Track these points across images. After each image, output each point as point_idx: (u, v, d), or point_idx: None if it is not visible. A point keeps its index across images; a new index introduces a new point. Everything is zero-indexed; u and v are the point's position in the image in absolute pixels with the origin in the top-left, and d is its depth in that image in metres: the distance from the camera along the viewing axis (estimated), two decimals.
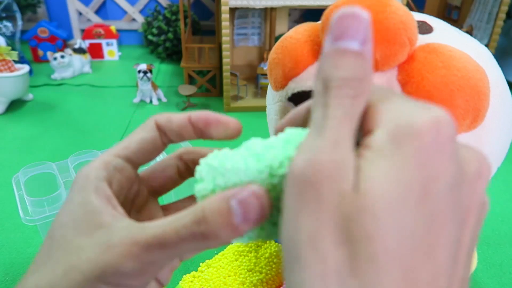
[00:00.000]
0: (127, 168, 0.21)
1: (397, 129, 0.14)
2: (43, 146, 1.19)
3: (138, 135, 0.21)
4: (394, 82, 0.36)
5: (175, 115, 0.21)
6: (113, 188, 0.20)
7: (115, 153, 0.21)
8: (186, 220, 0.17)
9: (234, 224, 0.16)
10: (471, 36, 0.42)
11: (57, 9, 2.17)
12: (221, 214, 0.16)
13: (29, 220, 0.58)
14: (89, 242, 0.18)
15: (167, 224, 0.17)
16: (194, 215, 0.17)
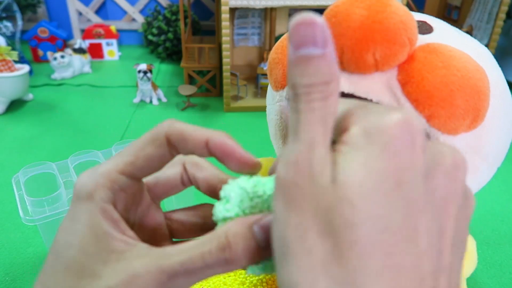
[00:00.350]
0: (132, 186, 0.20)
1: (369, 124, 0.15)
2: (43, 146, 1.19)
3: (145, 151, 0.19)
4: (394, 82, 0.36)
5: (189, 132, 0.20)
6: (118, 208, 0.19)
7: (120, 169, 0.19)
8: (211, 246, 0.17)
9: (257, 249, 0.17)
10: (471, 36, 0.42)
11: (57, 9, 2.17)
12: (244, 239, 0.17)
13: (29, 220, 0.58)
14: (106, 270, 0.17)
15: (191, 251, 0.17)
16: (218, 242, 0.17)
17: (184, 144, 0.20)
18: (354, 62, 0.36)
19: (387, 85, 0.36)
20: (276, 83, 0.44)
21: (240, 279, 0.56)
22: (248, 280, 0.56)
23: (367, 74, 0.37)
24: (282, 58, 0.42)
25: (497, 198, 0.99)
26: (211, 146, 0.19)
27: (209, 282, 0.56)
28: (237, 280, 0.56)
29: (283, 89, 0.43)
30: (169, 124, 0.20)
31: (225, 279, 0.57)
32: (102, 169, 0.19)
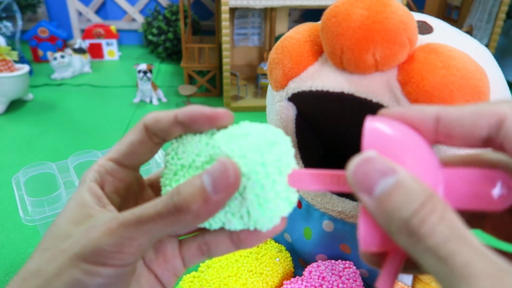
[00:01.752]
0: (119, 171, 0.22)
1: None
2: (43, 146, 1.19)
3: (127, 138, 0.22)
4: (394, 82, 0.36)
5: (162, 114, 0.21)
6: (105, 190, 0.21)
7: (108, 157, 0.22)
8: (162, 196, 0.18)
9: (205, 193, 0.17)
10: (471, 36, 0.42)
11: (57, 9, 2.17)
12: (192, 185, 0.18)
13: (29, 220, 0.58)
14: (77, 229, 0.19)
15: (147, 204, 0.18)
16: (170, 191, 0.18)
17: (157, 124, 0.21)
18: (354, 62, 0.36)
19: (387, 85, 0.36)
20: (276, 83, 0.44)
21: (240, 280, 0.56)
22: (249, 281, 0.56)
23: (367, 74, 0.37)
24: (282, 58, 0.42)
25: None
26: (180, 117, 0.21)
27: (209, 283, 0.56)
28: (237, 281, 0.56)
29: (283, 89, 0.43)
30: (146, 114, 0.22)
31: (226, 280, 0.57)
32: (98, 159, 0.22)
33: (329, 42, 0.37)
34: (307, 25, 0.43)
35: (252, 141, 0.19)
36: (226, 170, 0.18)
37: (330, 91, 0.39)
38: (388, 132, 0.16)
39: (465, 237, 0.13)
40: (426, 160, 0.16)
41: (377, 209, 0.15)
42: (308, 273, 0.53)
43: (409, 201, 0.14)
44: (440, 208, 0.14)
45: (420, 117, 0.17)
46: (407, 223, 0.14)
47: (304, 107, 0.43)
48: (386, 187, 0.15)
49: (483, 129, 0.16)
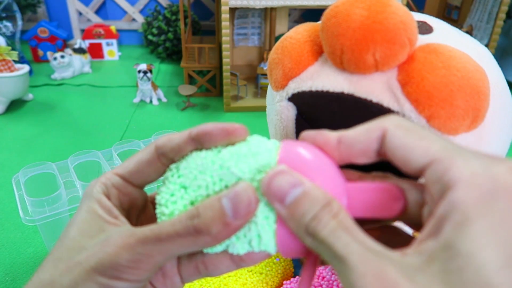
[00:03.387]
0: (125, 186, 0.22)
1: (484, 183, 0.15)
2: (43, 146, 1.19)
3: (136, 157, 0.22)
4: (394, 82, 0.36)
5: (174, 135, 0.21)
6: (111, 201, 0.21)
7: (115, 171, 0.22)
8: (182, 216, 0.18)
9: (225, 218, 0.18)
10: (471, 36, 0.42)
11: (57, 9, 2.17)
12: (212, 208, 0.18)
13: (29, 220, 0.58)
14: (91, 242, 0.19)
15: (164, 222, 0.19)
16: (189, 212, 0.18)
17: (169, 143, 0.21)
18: (354, 62, 0.36)
19: (387, 85, 0.36)
20: (276, 83, 0.44)
21: (240, 280, 0.56)
22: (248, 280, 0.56)
23: (367, 74, 0.37)
24: (282, 58, 0.42)
25: None
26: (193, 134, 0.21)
27: (209, 283, 0.56)
28: (237, 281, 0.56)
29: (283, 89, 0.43)
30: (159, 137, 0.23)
31: (225, 280, 0.57)
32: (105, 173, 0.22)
33: (329, 42, 0.37)
34: (307, 25, 0.43)
35: (262, 161, 0.19)
36: (248, 197, 0.18)
37: (330, 91, 0.39)
38: (299, 152, 0.19)
39: (347, 228, 0.16)
40: (331, 176, 0.19)
41: (288, 216, 0.18)
42: None
43: (312, 206, 0.17)
44: (335, 209, 0.17)
45: (325, 141, 0.19)
46: (309, 224, 0.17)
47: (304, 107, 0.43)
48: (295, 196, 0.17)
49: (374, 143, 0.18)
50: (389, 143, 0.18)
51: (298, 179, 0.18)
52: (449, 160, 0.16)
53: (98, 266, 0.18)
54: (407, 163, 0.17)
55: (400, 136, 0.17)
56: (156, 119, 1.41)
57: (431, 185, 0.16)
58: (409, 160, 0.17)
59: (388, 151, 0.18)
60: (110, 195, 0.21)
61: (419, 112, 0.35)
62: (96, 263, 0.18)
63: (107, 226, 0.19)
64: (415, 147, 0.17)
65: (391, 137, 0.18)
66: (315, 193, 0.17)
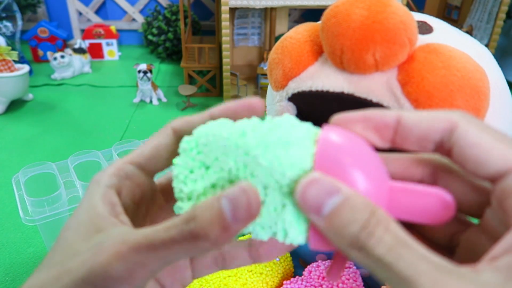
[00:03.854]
0: (139, 175, 0.20)
1: None
2: (43, 146, 1.19)
3: (152, 141, 0.20)
4: (394, 82, 0.36)
5: (193, 117, 0.20)
6: (122, 195, 0.20)
7: (129, 160, 0.20)
8: (176, 220, 0.16)
9: (224, 222, 0.16)
10: (471, 36, 0.42)
11: (57, 9, 2.17)
12: (210, 210, 0.16)
13: (29, 220, 0.58)
14: (85, 246, 0.17)
15: (159, 225, 0.17)
16: (184, 215, 0.16)
17: (188, 125, 0.20)
18: (354, 62, 0.36)
19: (387, 85, 0.36)
20: (276, 83, 0.44)
21: (240, 280, 0.56)
22: (248, 280, 0.56)
23: (367, 74, 0.37)
24: (282, 58, 0.42)
25: None
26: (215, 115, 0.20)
27: (209, 283, 0.56)
28: (237, 281, 0.56)
29: (283, 89, 0.43)
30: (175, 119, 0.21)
31: (226, 280, 0.57)
32: (113, 163, 0.20)
33: (329, 42, 0.37)
34: (307, 25, 0.43)
35: (294, 155, 0.17)
36: (249, 200, 0.16)
37: (330, 91, 0.39)
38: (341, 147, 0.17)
39: (407, 244, 0.14)
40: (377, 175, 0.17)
41: (327, 228, 0.16)
42: (308, 273, 0.53)
43: (356, 217, 0.15)
44: (384, 221, 0.15)
45: (382, 118, 0.17)
46: (357, 237, 0.15)
47: (304, 107, 0.43)
48: (333, 206, 0.15)
49: (437, 133, 0.17)
50: (460, 139, 0.16)
51: (335, 186, 0.16)
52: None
53: (87, 276, 0.16)
54: (480, 165, 0.16)
55: (474, 133, 0.16)
56: (156, 119, 1.41)
57: (509, 194, 0.15)
58: (484, 162, 0.15)
59: (457, 147, 0.16)
60: (122, 188, 0.20)
61: None
62: (85, 273, 0.16)
63: (104, 226, 0.18)
64: (492, 148, 0.15)
65: (463, 133, 0.16)
66: (357, 201, 0.16)
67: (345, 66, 0.37)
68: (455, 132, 0.16)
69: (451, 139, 0.16)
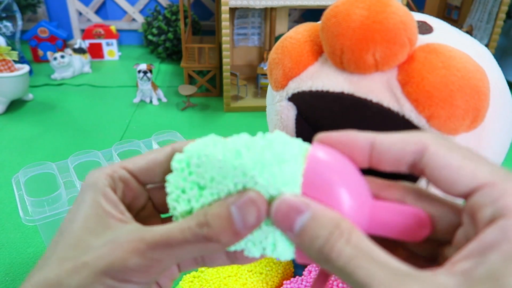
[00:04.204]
0: (132, 182, 0.22)
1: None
2: (43, 146, 1.19)
3: (150, 155, 0.22)
4: (394, 82, 0.36)
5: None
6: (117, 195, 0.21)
7: (123, 165, 0.22)
8: (190, 222, 0.18)
9: (234, 228, 0.18)
10: (471, 36, 0.42)
11: (57, 9, 2.17)
12: (221, 218, 0.18)
13: (29, 220, 0.58)
14: (98, 241, 0.19)
15: (173, 226, 0.18)
16: (198, 219, 0.18)
17: None
18: (354, 62, 0.36)
19: (387, 85, 0.36)
20: (276, 83, 0.44)
21: (240, 280, 0.56)
22: (248, 280, 0.56)
23: (367, 74, 0.37)
24: (282, 58, 0.42)
25: None
26: None
27: (209, 283, 0.56)
28: (237, 281, 0.56)
29: (283, 89, 0.43)
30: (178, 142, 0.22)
31: (225, 280, 0.57)
32: (112, 164, 0.22)
33: (329, 42, 0.37)
34: (307, 25, 0.43)
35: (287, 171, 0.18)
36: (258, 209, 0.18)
37: (330, 91, 0.39)
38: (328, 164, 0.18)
39: (367, 253, 0.15)
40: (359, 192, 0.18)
41: (298, 243, 0.17)
42: (308, 273, 0.53)
43: (320, 232, 0.16)
44: (346, 233, 0.16)
45: (355, 142, 0.19)
46: (321, 251, 0.16)
47: (304, 107, 0.43)
48: (302, 223, 0.17)
49: (409, 156, 0.17)
50: (431, 161, 0.17)
51: (304, 204, 0.17)
52: (503, 185, 0.15)
53: (107, 269, 0.18)
54: (451, 184, 0.16)
55: (443, 155, 0.17)
56: (156, 119, 1.41)
57: (478, 209, 0.16)
58: (454, 182, 0.16)
59: (428, 169, 0.17)
60: (116, 189, 0.21)
61: (419, 112, 0.35)
62: (105, 266, 0.18)
63: (113, 223, 0.19)
64: (461, 168, 0.16)
65: (433, 155, 0.17)
66: (323, 216, 0.17)
67: (345, 66, 0.37)
68: (425, 154, 0.17)
69: (422, 160, 0.17)
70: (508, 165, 0.90)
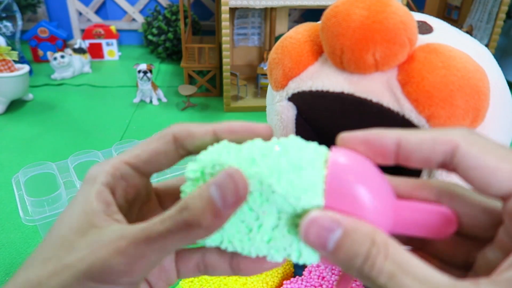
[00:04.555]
0: (134, 177, 0.21)
1: None
2: (43, 146, 1.19)
3: (152, 145, 0.21)
4: (394, 82, 0.36)
5: (196, 128, 0.20)
6: (116, 195, 0.20)
7: (126, 160, 0.20)
8: (170, 211, 0.17)
9: (214, 208, 0.17)
10: (471, 36, 0.42)
11: (57, 9, 2.17)
12: (201, 199, 0.17)
13: (29, 220, 0.58)
14: (82, 242, 0.18)
15: (155, 219, 0.18)
16: (178, 205, 0.17)
17: (191, 139, 0.20)
18: (354, 62, 0.36)
19: (387, 85, 0.36)
20: (276, 83, 0.44)
21: (240, 280, 0.56)
22: (248, 280, 0.56)
23: (367, 74, 0.37)
24: (282, 58, 0.42)
25: None
26: (219, 131, 0.20)
27: (209, 283, 0.56)
28: (237, 280, 0.56)
29: (283, 89, 0.43)
30: (176, 124, 0.21)
31: (225, 280, 0.57)
32: (111, 159, 0.21)
33: (329, 42, 0.37)
34: (307, 25, 0.43)
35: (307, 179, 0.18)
36: (236, 184, 0.17)
37: (330, 91, 0.39)
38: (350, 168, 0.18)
39: (408, 269, 0.15)
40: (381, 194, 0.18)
41: (334, 261, 0.17)
42: (308, 273, 0.53)
43: (358, 250, 0.16)
44: (383, 248, 0.16)
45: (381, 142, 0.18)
46: (361, 269, 0.16)
47: (304, 107, 0.43)
48: (335, 241, 0.16)
49: (439, 156, 0.17)
50: (463, 161, 0.16)
51: (335, 220, 0.17)
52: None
53: (88, 271, 0.17)
54: (486, 186, 0.16)
55: (476, 155, 0.16)
56: (156, 119, 1.41)
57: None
58: (490, 183, 0.16)
59: (461, 169, 0.16)
60: (116, 188, 0.20)
61: (419, 112, 0.35)
62: (86, 268, 0.17)
63: (100, 223, 0.18)
64: (497, 169, 0.16)
65: (465, 156, 0.16)
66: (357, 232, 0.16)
67: (345, 66, 0.37)
68: (456, 154, 0.16)
69: (453, 161, 0.17)
70: None
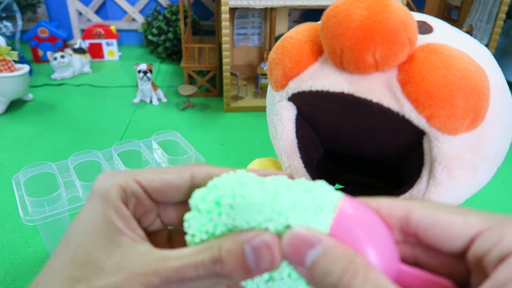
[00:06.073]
0: (144, 198, 0.21)
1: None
2: (43, 146, 1.19)
3: (168, 175, 0.21)
4: (394, 82, 0.36)
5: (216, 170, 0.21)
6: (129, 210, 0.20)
7: (137, 180, 0.21)
8: (204, 257, 0.18)
9: (247, 268, 0.17)
10: (471, 36, 0.42)
11: (57, 9, 2.17)
12: (235, 256, 0.17)
13: (29, 220, 0.58)
14: (109, 261, 0.18)
15: (186, 258, 0.18)
16: (212, 254, 0.18)
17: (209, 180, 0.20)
18: (354, 62, 0.36)
19: (387, 85, 0.36)
20: (276, 83, 0.44)
21: None
22: None
23: (367, 74, 0.37)
24: (282, 58, 0.42)
25: (497, 198, 0.99)
26: None
27: None
28: None
29: (283, 89, 0.43)
30: (197, 164, 0.21)
31: None
32: (123, 173, 0.21)
33: (329, 42, 0.37)
34: (307, 25, 0.43)
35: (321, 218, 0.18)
36: (272, 256, 0.17)
37: (330, 91, 0.39)
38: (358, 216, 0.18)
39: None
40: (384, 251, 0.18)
41: (309, 278, 0.17)
42: None
43: (334, 267, 0.16)
44: (362, 271, 0.15)
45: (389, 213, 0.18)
46: None
47: (304, 107, 0.43)
48: (314, 257, 0.16)
49: (396, 221, 0.18)
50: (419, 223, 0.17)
51: (316, 238, 0.17)
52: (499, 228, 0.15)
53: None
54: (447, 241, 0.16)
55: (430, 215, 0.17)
56: (156, 119, 1.41)
57: (483, 254, 0.16)
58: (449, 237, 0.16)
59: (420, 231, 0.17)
60: (128, 204, 0.20)
61: (419, 112, 0.35)
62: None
63: (125, 241, 0.19)
64: (452, 223, 0.16)
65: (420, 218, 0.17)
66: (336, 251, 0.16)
67: (345, 66, 0.37)
68: (411, 218, 0.17)
69: (410, 225, 0.17)
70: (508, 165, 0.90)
